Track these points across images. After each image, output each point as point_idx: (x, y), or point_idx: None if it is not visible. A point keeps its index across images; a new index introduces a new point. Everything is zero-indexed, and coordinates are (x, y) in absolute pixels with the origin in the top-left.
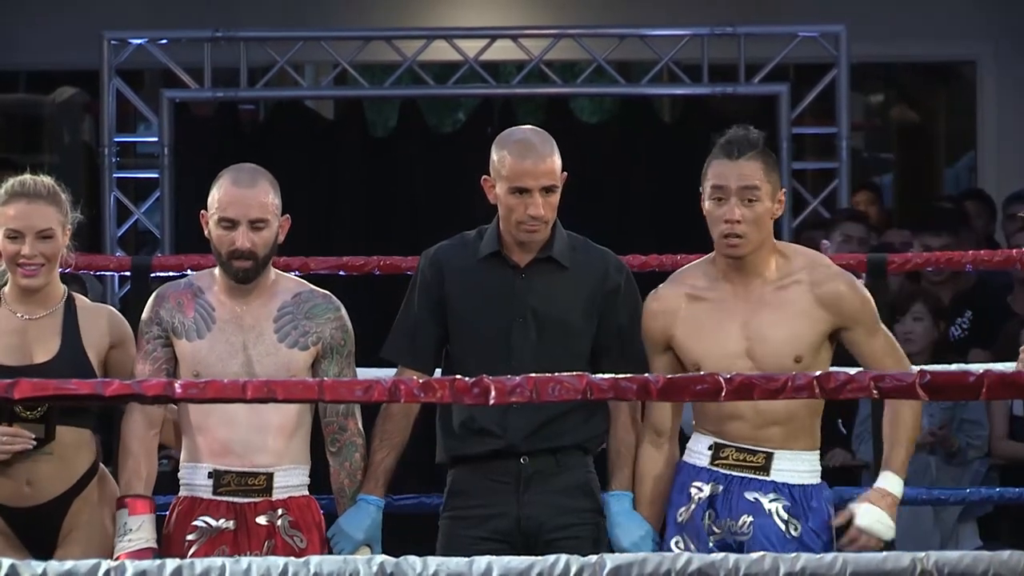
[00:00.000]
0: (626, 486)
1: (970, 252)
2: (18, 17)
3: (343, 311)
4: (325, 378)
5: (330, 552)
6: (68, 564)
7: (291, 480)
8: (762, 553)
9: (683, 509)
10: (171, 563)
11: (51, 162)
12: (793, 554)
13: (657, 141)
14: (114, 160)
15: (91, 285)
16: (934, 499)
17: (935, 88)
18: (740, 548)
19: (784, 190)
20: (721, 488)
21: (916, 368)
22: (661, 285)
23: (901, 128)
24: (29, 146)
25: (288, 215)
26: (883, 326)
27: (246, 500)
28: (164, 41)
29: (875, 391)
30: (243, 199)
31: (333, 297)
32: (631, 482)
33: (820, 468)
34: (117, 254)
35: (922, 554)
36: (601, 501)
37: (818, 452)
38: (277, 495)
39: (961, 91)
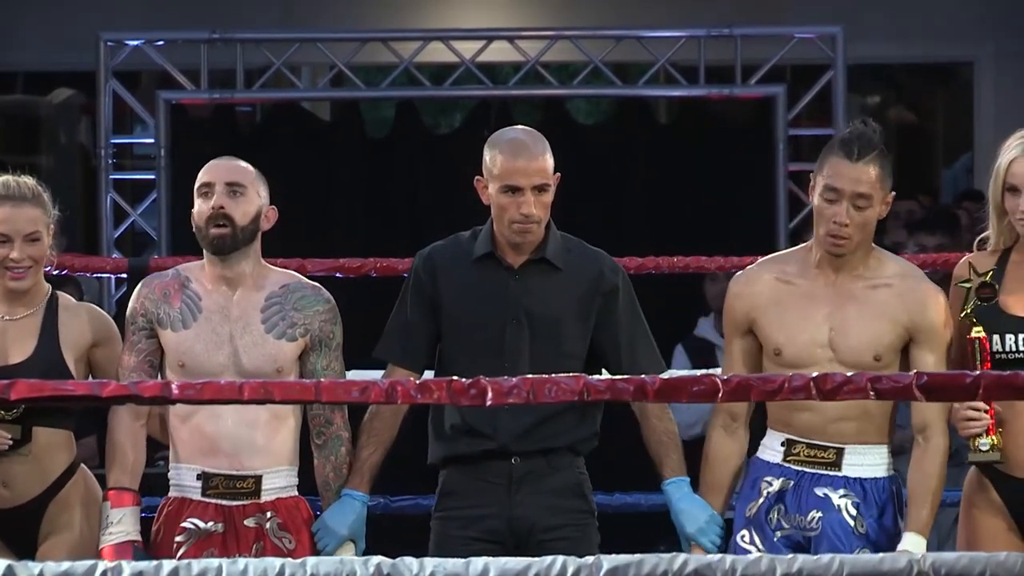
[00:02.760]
0: (680, 471)
1: (967, 253)
2: (15, 18)
3: (333, 303)
4: (318, 376)
5: (317, 551)
6: (65, 565)
7: (279, 481)
8: (759, 554)
9: (752, 504)
10: (168, 564)
11: (48, 163)
12: (790, 555)
13: (654, 142)
14: (110, 162)
15: (87, 287)
16: None
17: (933, 89)
18: (808, 543)
19: (893, 193)
20: (792, 483)
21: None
22: (749, 267)
23: (899, 129)
24: (26, 147)
25: (275, 206)
26: (946, 364)
27: (235, 503)
28: (161, 42)
29: (872, 392)
30: (220, 165)
31: (323, 289)
32: (683, 466)
33: (891, 461)
34: (113, 256)
35: (919, 555)
36: (593, 502)
37: (888, 445)
38: (265, 497)
39: (959, 92)
